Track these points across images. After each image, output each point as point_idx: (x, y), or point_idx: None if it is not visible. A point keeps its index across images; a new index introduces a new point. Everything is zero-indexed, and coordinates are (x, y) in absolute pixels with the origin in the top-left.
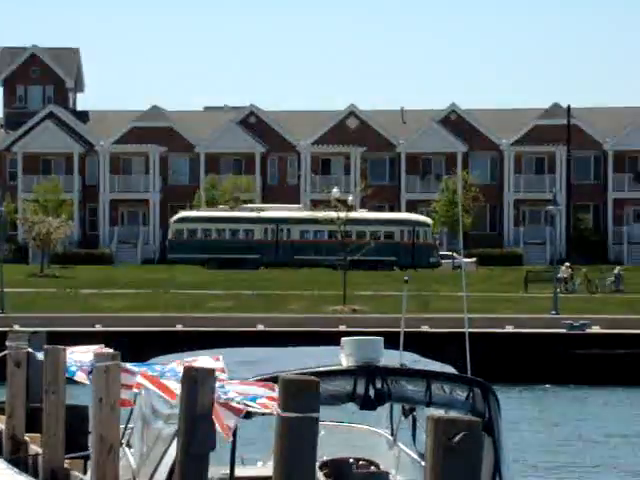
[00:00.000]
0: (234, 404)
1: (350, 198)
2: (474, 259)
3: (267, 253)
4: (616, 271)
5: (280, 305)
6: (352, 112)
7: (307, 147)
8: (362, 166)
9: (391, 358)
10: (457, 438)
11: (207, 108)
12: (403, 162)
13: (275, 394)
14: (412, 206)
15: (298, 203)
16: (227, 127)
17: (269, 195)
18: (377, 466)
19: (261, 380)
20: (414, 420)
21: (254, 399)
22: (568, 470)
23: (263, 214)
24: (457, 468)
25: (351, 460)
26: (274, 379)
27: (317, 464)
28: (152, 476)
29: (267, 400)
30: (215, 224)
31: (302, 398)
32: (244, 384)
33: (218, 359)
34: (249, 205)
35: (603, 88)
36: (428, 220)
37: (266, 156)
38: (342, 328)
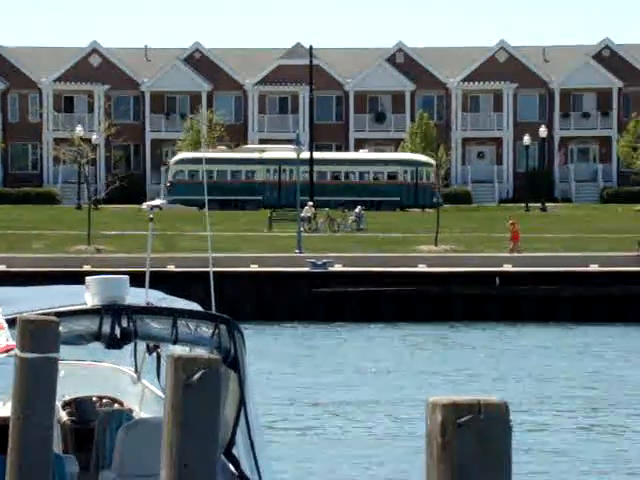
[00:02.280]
0: None
1: (94, 137)
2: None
3: (269, 194)
4: (357, 210)
5: (23, 244)
6: (95, 49)
7: (49, 84)
8: (106, 104)
9: (137, 297)
10: (196, 376)
11: None
12: (147, 101)
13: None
14: (157, 145)
15: (40, 141)
16: None
17: (10, 133)
18: (121, 403)
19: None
20: (158, 357)
21: None
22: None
23: (265, 155)
24: (196, 405)
25: (94, 398)
26: (15, 320)
27: (60, 403)
28: None
29: None
30: (216, 165)
31: (41, 338)
32: None
33: None
34: (250, 146)
35: (345, 28)
36: (431, 160)
37: (6, 93)
38: (87, 268)
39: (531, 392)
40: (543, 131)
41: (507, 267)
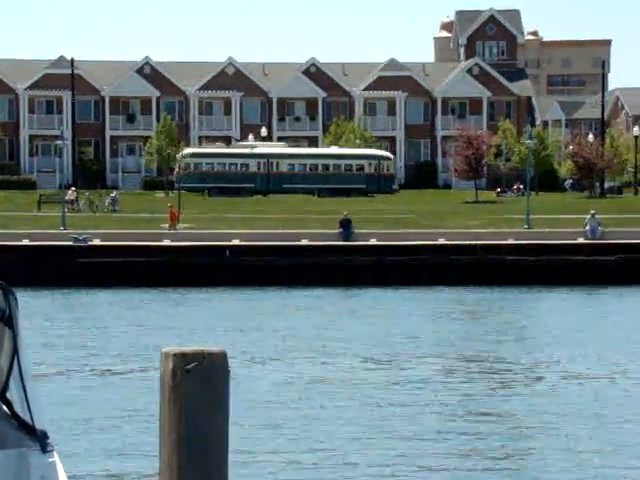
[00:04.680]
0: None
1: None
2: None
3: (260, 183)
4: (113, 194)
5: None
6: None
7: None
8: None
9: None
10: None
11: None
12: None
13: None
14: None
15: None
16: None
17: None
18: None
19: None
20: None
21: None
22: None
23: (256, 150)
24: None
25: None
26: None
27: None
28: None
29: None
30: (216, 158)
31: None
32: None
33: None
34: (243, 143)
35: (102, 43)
36: (390, 155)
37: None
38: None
39: (244, 342)
40: (264, 132)
41: (236, 242)
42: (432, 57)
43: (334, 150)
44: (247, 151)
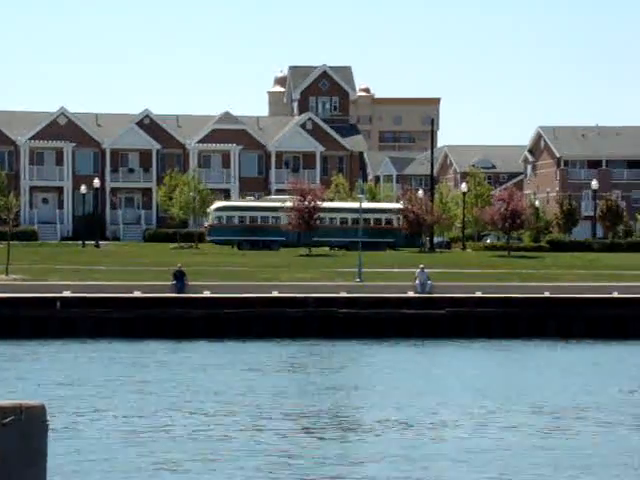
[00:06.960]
0: None
1: None
2: None
3: (291, 236)
4: None
5: None
6: None
7: None
8: None
9: None
10: None
11: None
12: None
13: None
14: None
15: None
16: None
17: None
18: None
19: None
20: None
21: None
22: None
23: (287, 204)
24: None
25: None
26: None
27: None
28: None
29: None
30: (249, 212)
31: None
32: None
33: None
34: (274, 197)
35: None
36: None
37: None
38: None
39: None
40: (97, 182)
41: (66, 293)
42: (266, 111)
43: (365, 204)
44: (279, 204)
